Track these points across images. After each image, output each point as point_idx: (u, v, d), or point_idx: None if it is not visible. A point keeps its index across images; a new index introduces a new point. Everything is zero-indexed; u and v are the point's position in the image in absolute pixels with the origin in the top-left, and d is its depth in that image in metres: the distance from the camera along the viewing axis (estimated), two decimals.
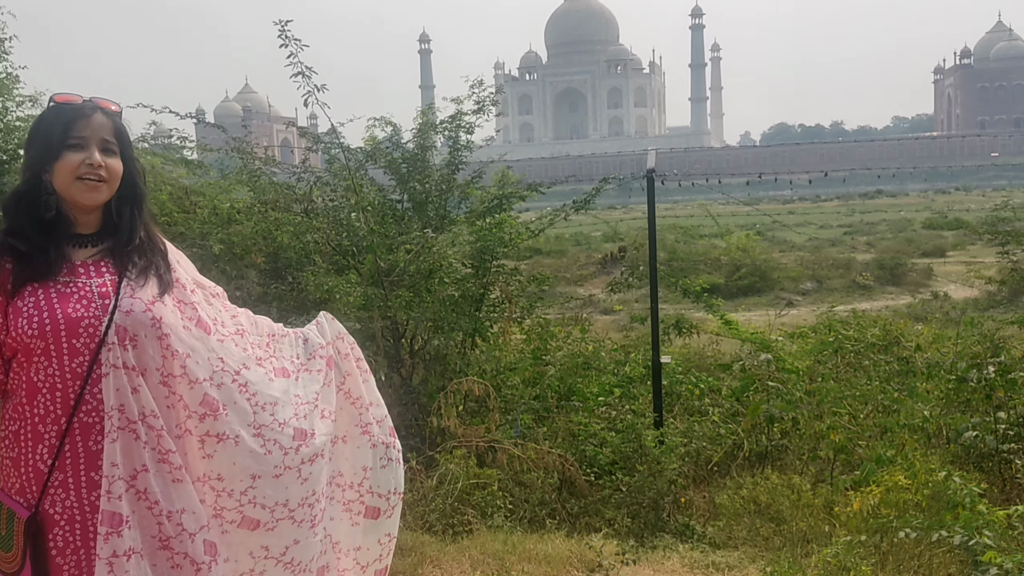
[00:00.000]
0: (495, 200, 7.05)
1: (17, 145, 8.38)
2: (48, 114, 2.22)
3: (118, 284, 2.21)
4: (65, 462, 2.14)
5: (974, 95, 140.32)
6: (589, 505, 5.22)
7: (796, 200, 67.54)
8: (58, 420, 2.13)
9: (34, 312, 2.11)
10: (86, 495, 2.14)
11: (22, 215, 2.19)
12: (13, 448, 2.18)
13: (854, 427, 5.38)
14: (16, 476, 2.17)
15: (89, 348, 2.13)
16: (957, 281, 22.52)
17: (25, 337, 2.11)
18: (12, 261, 2.15)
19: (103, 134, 2.20)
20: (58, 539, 2.14)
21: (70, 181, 2.16)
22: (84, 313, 2.14)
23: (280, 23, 5.97)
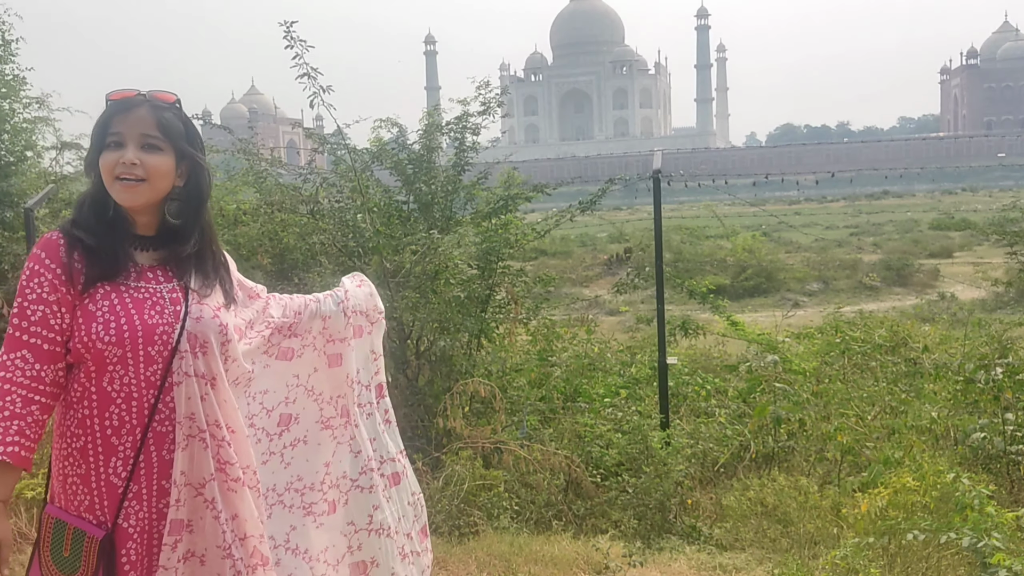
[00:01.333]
0: (501, 201, 7.04)
1: (24, 147, 8.40)
2: (101, 114, 2.13)
3: (185, 290, 2.14)
4: (140, 473, 2.06)
5: (981, 95, 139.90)
6: (595, 506, 5.21)
7: (802, 201, 67.40)
8: (133, 431, 2.05)
9: (111, 318, 2.01)
10: (155, 504, 2.07)
11: (89, 212, 2.11)
12: (80, 464, 2.05)
13: (861, 428, 5.36)
14: (86, 493, 2.05)
15: (163, 356, 2.05)
16: (964, 282, 22.45)
17: (100, 343, 2.00)
18: (82, 258, 2.05)
19: (143, 129, 2.08)
20: (131, 552, 2.06)
21: (110, 182, 2.08)
22: (159, 320, 2.06)
23: (285, 24, 5.98)
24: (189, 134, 2.16)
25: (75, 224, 2.10)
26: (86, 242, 2.06)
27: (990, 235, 18.95)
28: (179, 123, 2.15)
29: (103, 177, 2.08)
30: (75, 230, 2.08)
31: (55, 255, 2.05)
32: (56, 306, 2.02)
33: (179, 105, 2.17)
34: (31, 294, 2.03)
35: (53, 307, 2.02)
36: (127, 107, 2.09)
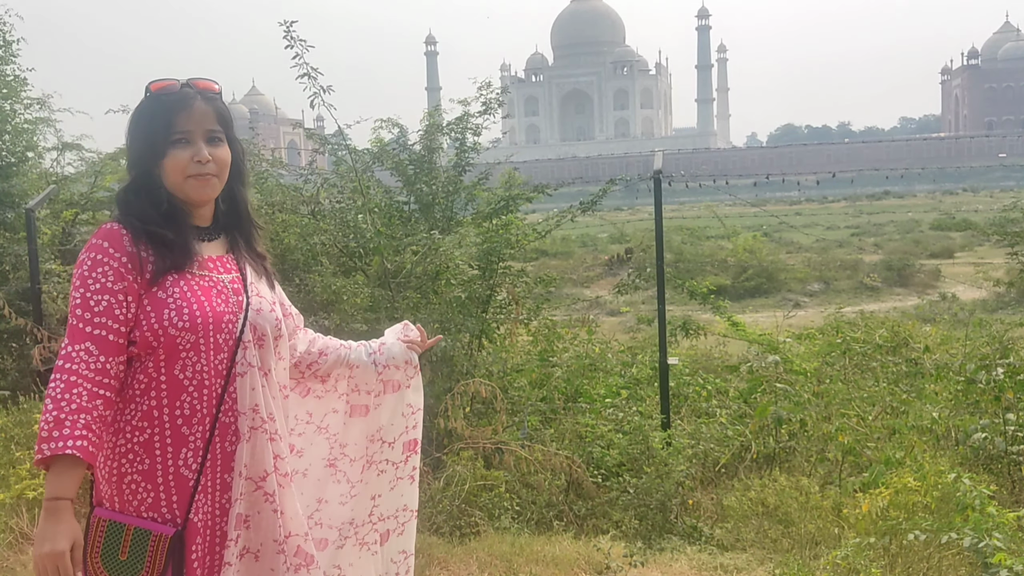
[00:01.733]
0: (502, 202, 7.05)
1: (25, 147, 8.41)
2: (147, 106, 2.06)
3: (244, 281, 2.13)
4: (206, 466, 2.01)
5: (981, 96, 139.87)
6: (596, 507, 5.21)
7: (803, 201, 67.35)
8: (203, 421, 2.00)
9: (183, 304, 1.97)
10: (219, 498, 2.03)
11: (146, 205, 2.04)
12: (144, 460, 1.98)
13: (862, 429, 5.36)
14: (149, 490, 1.97)
15: (228, 345, 2.03)
16: (965, 282, 22.44)
17: (174, 329, 1.95)
18: (150, 248, 2.00)
19: (207, 124, 2.06)
20: (198, 548, 2.00)
21: (181, 180, 2.04)
22: (225, 308, 2.04)
23: (285, 24, 5.98)
24: (231, 121, 2.16)
25: (137, 216, 2.03)
26: (153, 233, 2.01)
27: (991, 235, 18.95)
28: (227, 112, 2.14)
29: (172, 175, 2.03)
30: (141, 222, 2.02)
31: (119, 245, 1.98)
32: (122, 295, 1.95)
33: (221, 92, 2.15)
34: (94, 284, 1.95)
35: (119, 296, 1.95)
36: (187, 103, 2.04)
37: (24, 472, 4.71)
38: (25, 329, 6.35)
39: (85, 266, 1.97)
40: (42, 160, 9.31)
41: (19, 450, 4.95)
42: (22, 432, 5.09)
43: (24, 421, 5.17)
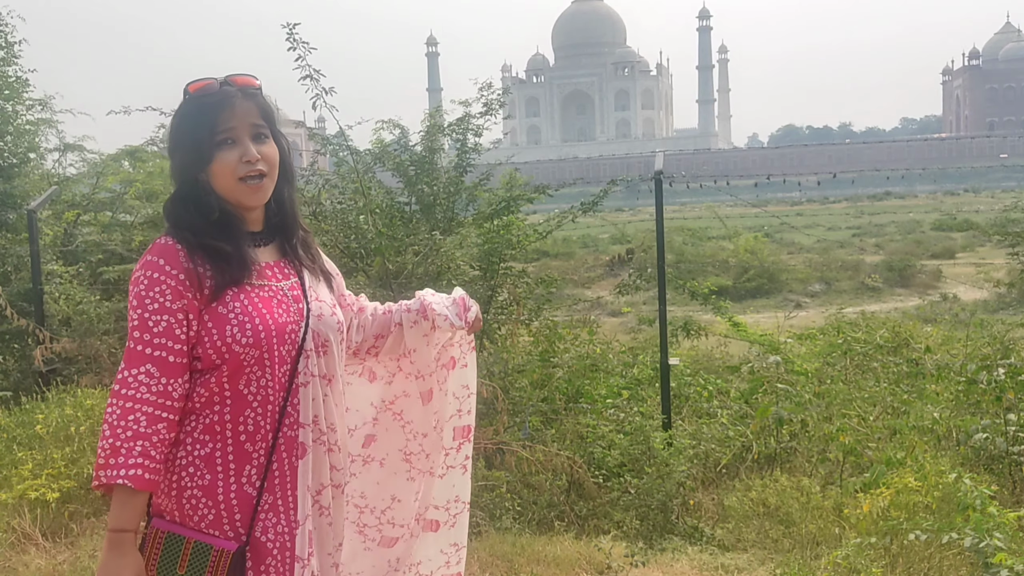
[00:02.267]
0: (503, 202, 7.06)
1: (27, 149, 8.43)
2: (188, 109, 1.95)
3: (303, 286, 2.02)
4: (274, 482, 1.92)
5: (983, 96, 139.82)
6: (598, 507, 5.21)
7: (804, 202, 67.26)
8: (266, 436, 1.91)
9: (245, 319, 1.88)
10: (291, 516, 1.93)
11: (197, 216, 1.94)
12: (204, 475, 1.89)
13: (863, 429, 5.36)
14: (210, 506, 1.88)
15: (291, 356, 1.93)
16: (967, 283, 22.43)
17: (237, 346, 1.86)
18: (207, 263, 1.90)
19: (252, 119, 1.95)
20: (271, 570, 1.90)
21: (232, 184, 1.93)
22: (287, 319, 1.94)
23: (288, 26, 6.00)
24: (274, 116, 2.05)
25: (190, 229, 1.93)
26: (208, 246, 1.91)
27: (992, 236, 18.94)
28: (270, 108, 2.03)
29: (221, 179, 1.93)
30: (193, 235, 1.92)
31: (175, 261, 1.88)
32: (181, 314, 1.87)
33: (261, 88, 2.04)
34: (152, 304, 1.86)
35: (178, 315, 1.87)
36: (229, 101, 1.94)
37: (26, 472, 4.71)
38: (27, 330, 6.36)
39: (142, 285, 1.88)
40: (44, 161, 9.33)
41: (21, 451, 4.95)
42: (24, 433, 5.10)
43: (26, 422, 5.18)
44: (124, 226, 8.35)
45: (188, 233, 1.92)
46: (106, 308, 6.77)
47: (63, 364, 6.46)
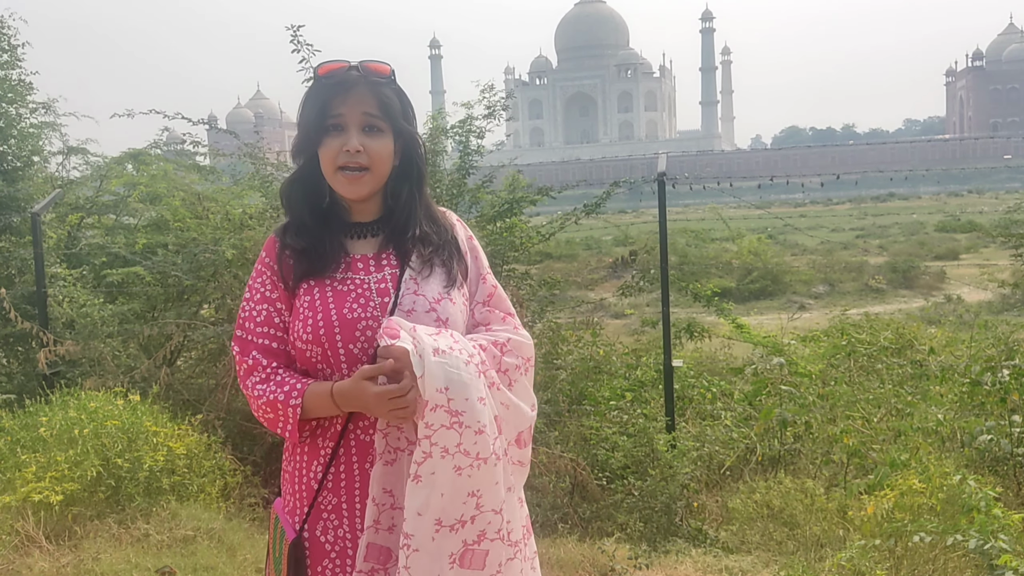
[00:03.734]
0: (506, 204, 7.06)
1: (31, 152, 8.44)
2: (311, 90, 1.92)
3: (399, 279, 1.91)
4: (340, 484, 1.85)
5: (986, 97, 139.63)
6: (601, 509, 5.21)
7: (808, 203, 67.19)
8: (336, 436, 1.85)
9: (308, 315, 1.85)
10: (359, 525, 1.84)
11: (301, 203, 1.95)
12: (291, 461, 1.93)
13: (867, 431, 5.36)
14: (291, 493, 1.92)
15: (367, 354, 1.83)
16: (970, 284, 22.42)
17: (300, 342, 1.85)
18: (293, 256, 1.92)
19: (365, 109, 1.88)
20: (327, 572, 1.86)
21: (332, 172, 1.88)
22: (361, 314, 1.85)
23: (292, 28, 6.01)
24: (404, 109, 1.96)
25: (287, 228, 1.97)
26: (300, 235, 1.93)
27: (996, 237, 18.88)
28: (396, 99, 1.94)
29: (323, 166, 1.90)
30: (288, 238, 1.94)
31: (272, 253, 1.95)
32: (279, 303, 1.92)
33: (394, 77, 1.96)
34: (255, 294, 1.94)
35: (276, 304, 1.92)
36: (346, 86, 1.88)
37: (30, 475, 4.72)
38: (31, 332, 6.37)
39: (252, 278, 1.97)
40: (48, 164, 9.34)
41: (25, 453, 4.95)
42: (28, 435, 5.10)
43: (30, 424, 5.18)
44: (127, 229, 8.36)
45: (286, 225, 1.96)
46: (109, 311, 6.77)
47: (67, 367, 6.46)
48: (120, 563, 4.30)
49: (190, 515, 4.77)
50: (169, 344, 6.27)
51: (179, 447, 5.05)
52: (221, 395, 5.93)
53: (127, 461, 4.86)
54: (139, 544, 4.53)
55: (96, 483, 4.78)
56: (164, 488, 4.91)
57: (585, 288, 23.61)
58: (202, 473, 5.16)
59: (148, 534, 4.60)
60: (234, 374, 5.91)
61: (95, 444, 4.87)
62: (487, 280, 2.04)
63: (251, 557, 4.46)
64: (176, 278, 6.61)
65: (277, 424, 1.87)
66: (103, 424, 4.96)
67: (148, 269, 6.75)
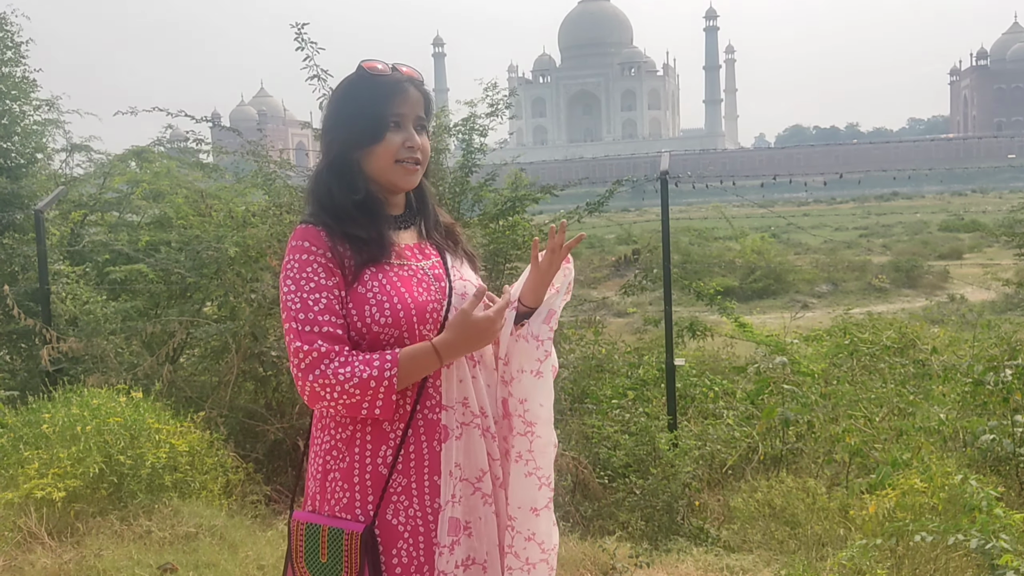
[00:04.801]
0: (508, 202, 7.06)
1: (34, 149, 8.45)
2: (362, 86, 1.98)
3: (445, 264, 2.04)
4: (409, 465, 1.92)
5: (990, 96, 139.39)
6: (603, 508, 5.21)
7: (811, 202, 67.20)
8: (404, 417, 1.91)
9: (383, 299, 1.90)
10: (429, 502, 1.91)
11: (338, 196, 1.98)
12: (344, 458, 1.93)
13: (870, 430, 5.35)
14: (345, 489, 1.92)
15: (432, 335, 1.93)
16: (974, 283, 22.38)
17: (376, 326, 1.88)
18: (347, 244, 1.93)
19: (418, 111, 2.01)
20: (402, 554, 1.90)
21: (389, 164, 1.97)
22: (428, 297, 1.95)
23: (297, 26, 6.02)
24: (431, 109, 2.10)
25: (331, 210, 1.97)
26: (349, 225, 1.95)
27: (1000, 237, 18.87)
28: (431, 100, 2.10)
29: (380, 158, 1.97)
30: (335, 214, 1.96)
31: (320, 241, 1.93)
32: (337, 290, 1.90)
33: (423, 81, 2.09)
34: (307, 284, 1.89)
35: (334, 291, 1.90)
36: (404, 87, 1.99)
37: (33, 472, 4.73)
38: (34, 330, 6.38)
39: (294, 269, 1.91)
40: (51, 161, 9.35)
41: (28, 450, 4.96)
42: (31, 432, 5.11)
43: (33, 421, 5.19)
44: (131, 226, 8.37)
45: (328, 215, 1.96)
46: (112, 308, 6.78)
47: (70, 364, 6.47)
48: (122, 559, 4.31)
49: (192, 512, 4.78)
50: (172, 341, 6.28)
51: (181, 444, 5.05)
52: (223, 392, 5.94)
53: (129, 458, 4.86)
54: (141, 541, 4.54)
55: (99, 480, 4.79)
56: (166, 485, 4.92)
57: (588, 286, 23.60)
58: (204, 470, 5.16)
59: (150, 531, 4.61)
60: (236, 371, 5.94)
61: (98, 441, 4.88)
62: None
63: (253, 554, 4.46)
64: (179, 275, 6.62)
65: (363, 404, 1.85)
66: (106, 421, 4.97)
67: (151, 266, 6.75)
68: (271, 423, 5.80)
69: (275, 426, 5.76)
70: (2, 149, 8.12)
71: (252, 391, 6.33)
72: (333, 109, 2.02)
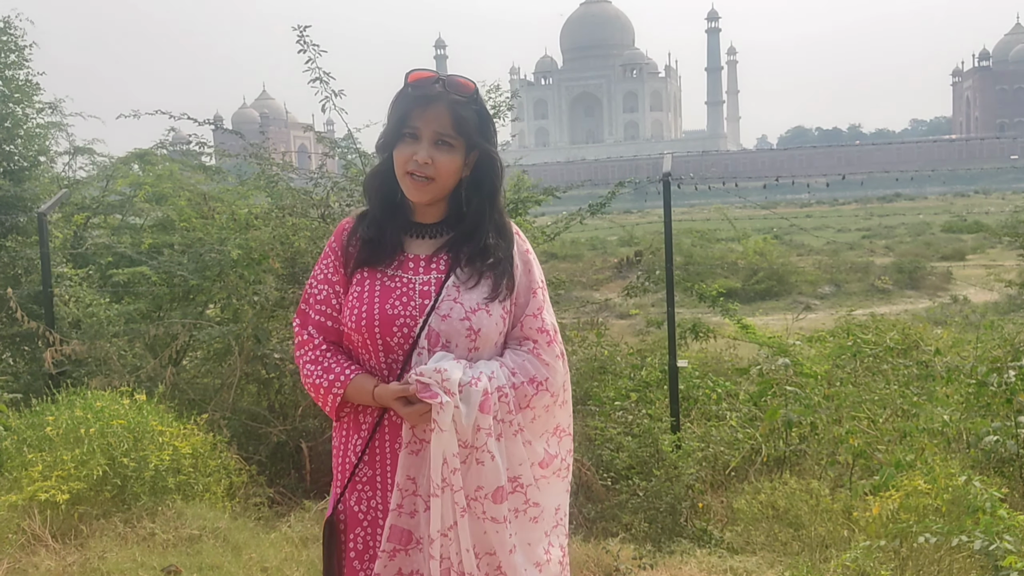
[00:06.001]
0: (511, 204, 7.06)
1: (38, 152, 8.46)
2: (398, 95, 2.06)
3: (442, 284, 2.04)
4: (375, 458, 2.03)
5: (993, 97, 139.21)
6: (606, 510, 5.21)
7: (813, 203, 67.08)
8: (373, 413, 2.03)
9: (355, 304, 2.03)
10: (389, 499, 2.00)
11: (376, 196, 2.12)
12: (338, 435, 2.12)
13: (873, 432, 5.34)
14: (338, 465, 2.10)
15: (403, 348, 2.00)
16: (977, 284, 22.35)
17: (347, 328, 2.05)
18: (359, 243, 2.10)
19: (438, 127, 2.01)
20: (358, 540, 2.03)
21: (401, 174, 2.04)
22: (401, 311, 2.01)
23: (299, 28, 6.02)
24: (482, 125, 2.07)
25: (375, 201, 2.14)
26: (369, 224, 2.11)
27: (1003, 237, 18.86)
28: (475, 117, 2.06)
29: (396, 168, 2.06)
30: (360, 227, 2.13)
31: (340, 239, 2.14)
32: (338, 286, 2.11)
33: (477, 93, 2.09)
34: (320, 274, 2.14)
35: (336, 287, 2.11)
36: (427, 100, 2.01)
37: (36, 474, 4.73)
38: (37, 332, 6.38)
39: (320, 258, 2.16)
40: (54, 164, 9.35)
41: (31, 452, 4.97)
42: (34, 434, 5.11)
43: (36, 423, 5.19)
44: (133, 229, 8.37)
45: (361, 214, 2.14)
46: (115, 310, 6.79)
47: (73, 366, 6.48)
48: (126, 562, 4.31)
49: (195, 514, 4.78)
50: (175, 344, 6.28)
51: (185, 446, 5.05)
52: (226, 395, 5.94)
53: (133, 460, 4.87)
54: (145, 543, 4.54)
55: (102, 482, 4.79)
56: (170, 487, 4.92)
57: (590, 288, 23.60)
58: (207, 472, 5.16)
59: (154, 533, 4.61)
60: (239, 374, 5.95)
61: (101, 443, 4.88)
62: (538, 295, 2.16)
63: (256, 556, 4.46)
64: (182, 278, 6.62)
65: (318, 401, 2.10)
66: (109, 423, 4.97)
67: (154, 269, 6.76)
68: (274, 425, 5.80)
69: (278, 428, 5.76)
70: (5, 152, 8.13)
71: (255, 393, 6.33)
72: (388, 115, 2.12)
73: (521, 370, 2.08)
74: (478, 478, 1.97)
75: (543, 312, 2.17)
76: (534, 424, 2.10)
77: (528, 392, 2.07)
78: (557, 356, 2.19)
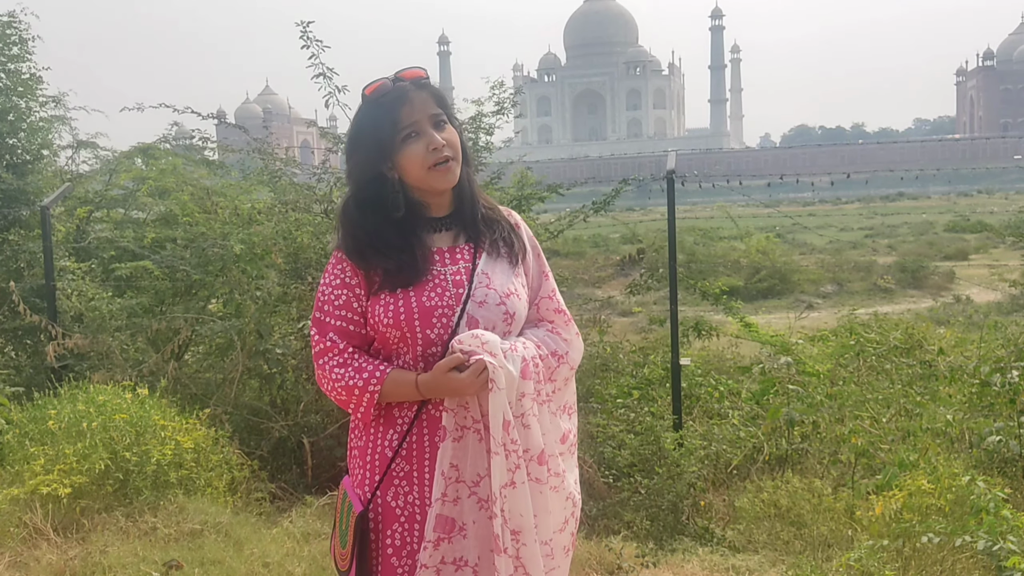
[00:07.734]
0: (514, 201, 7.05)
1: (41, 145, 8.45)
2: (367, 111, 2.05)
3: (472, 272, 2.07)
4: (412, 453, 2.02)
5: (997, 97, 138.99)
6: (608, 508, 5.20)
7: (817, 202, 66.93)
8: (412, 407, 2.03)
9: (390, 301, 2.02)
10: (428, 494, 2.00)
11: (374, 219, 2.06)
12: (362, 436, 2.09)
13: (876, 431, 5.33)
14: (360, 466, 2.08)
15: (442, 339, 2.01)
16: (980, 284, 22.30)
17: (381, 326, 2.02)
18: (382, 272, 2.05)
19: (429, 110, 2.04)
20: (396, 536, 2.01)
21: (422, 173, 2.03)
22: (438, 302, 2.02)
23: (302, 24, 6.01)
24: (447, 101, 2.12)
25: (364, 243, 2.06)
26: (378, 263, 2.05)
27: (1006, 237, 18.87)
28: (440, 93, 2.10)
29: (411, 171, 2.03)
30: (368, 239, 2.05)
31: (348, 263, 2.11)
32: (359, 288, 2.07)
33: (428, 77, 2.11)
34: (335, 279, 2.08)
35: (355, 290, 2.07)
36: (405, 95, 2.03)
37: (38, 468, 4.73)
38: (40, 326, 6.38)
39: (327, 269, 2.11)
40: (57, 158, 9.34)
41: (33, 446, 4.97)
42: (36, 428, 5.11)
43: (38, 417, 5.19)
44: (136, 223, 8.37)
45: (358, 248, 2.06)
46: (118, 305, 6.78)
47: (75, 360, 6.48)
48: (127, 556, 4.31)
49: (197, 509, 4.78)
50: (177, 338, 6.28)
51: (187, 441, 5.05)
52: (228, 390, 5.94)
53: (135, 455, 4.87)
54: (146, 537, 4.54)
55: (104, 476, 4.79)
56: (171, 482, 4.92)
57: (592, 286, 23.56)
58: (209, 467, 5.16)
59: (155, 527, 4.61)
60: (241, 369, 5.95)
61: (103, 437, 4.88)
62: (549, 278, 2.26)
63: (258, 551, 4.46)
64: (184, 272, 6.62)
65: (349, 405, 2.06)
66: (111, 418, 4.97)
67: (157, 263, 6.75)
68: (276, 420, 5.79)
69: (280, 423, 5.76)
70: (8, 145, 8.12)
71: (257, 388, 6.33)
72: (349, 139, 2.11)
73: (544, 344, 2.15)
74: (526, 440, 2.02)
75: (556, 294, 2.27)
76: (556, 396, 2.17)
77: (552, 364, 2.15)
78: (576, 334, 2.26)
